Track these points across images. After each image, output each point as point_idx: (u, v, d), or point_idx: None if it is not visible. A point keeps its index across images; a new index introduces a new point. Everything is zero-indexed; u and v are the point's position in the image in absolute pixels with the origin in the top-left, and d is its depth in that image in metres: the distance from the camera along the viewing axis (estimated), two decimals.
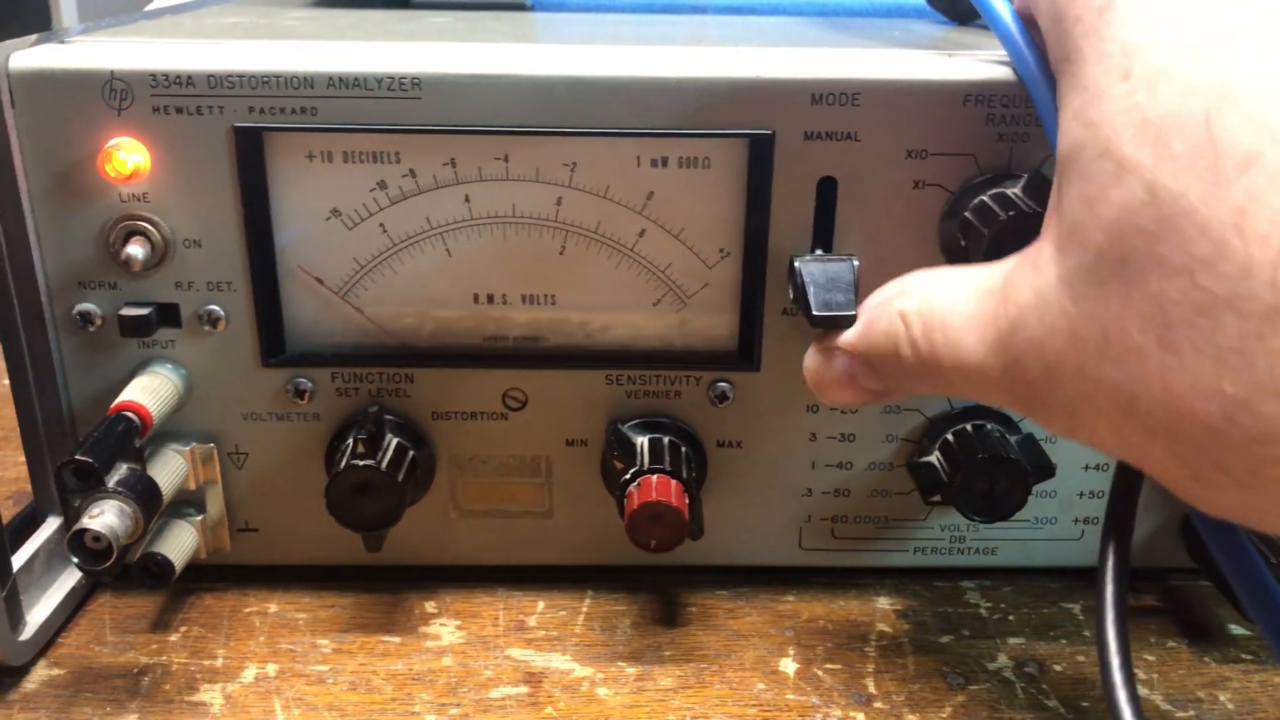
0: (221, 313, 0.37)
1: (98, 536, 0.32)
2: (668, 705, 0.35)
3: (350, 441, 0.37)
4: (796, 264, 0.34)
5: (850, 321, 0.31)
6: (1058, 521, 0.41)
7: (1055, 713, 0.35)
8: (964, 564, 0.41)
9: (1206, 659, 0.38)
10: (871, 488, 0.40)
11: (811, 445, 0.40)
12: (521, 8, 0.52)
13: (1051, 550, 0.41)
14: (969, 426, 0.38)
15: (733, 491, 0.40)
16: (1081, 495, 0.40)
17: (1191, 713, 0.35)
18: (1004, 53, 0.36)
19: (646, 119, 0.35)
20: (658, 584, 0.41)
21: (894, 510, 0.41)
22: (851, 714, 0.35)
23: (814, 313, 0.32)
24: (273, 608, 0.40)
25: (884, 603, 0.40)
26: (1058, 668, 0.37)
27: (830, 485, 0.40)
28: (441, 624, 0.39)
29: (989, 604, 0.41)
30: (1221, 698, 0.36)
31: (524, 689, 0.36)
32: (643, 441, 0.38)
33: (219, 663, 0.37)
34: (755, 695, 0.36)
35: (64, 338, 0.37)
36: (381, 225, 0.37)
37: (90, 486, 0.33)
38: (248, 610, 0.39)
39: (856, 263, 0.34)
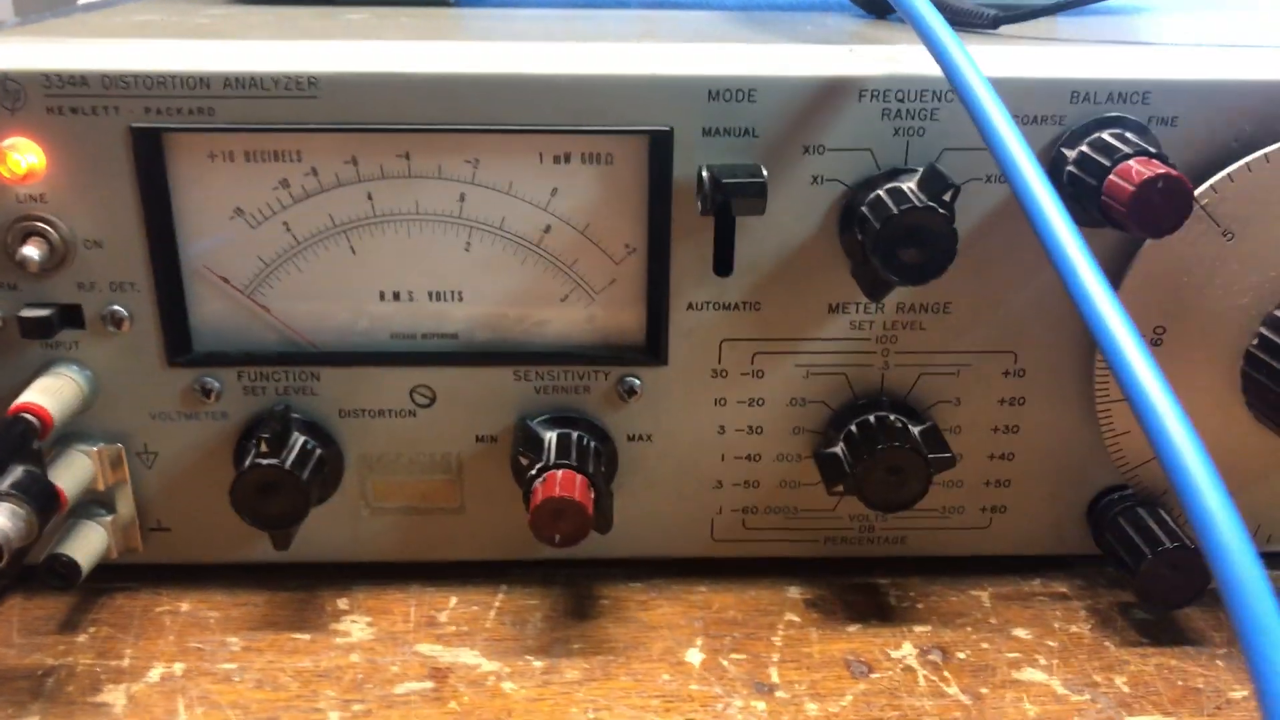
0: (125, 313, 0.37)
1: None
2: (571, 698, 0.35)
3: (255, 440, 0.37)
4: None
5: None
6: (965, 510, 0.41)
7: (954, 700, 0.35)
8: (874, 553, 0.42)
9: (1107, 643, 0.38)
10: (781, 479, 0.41)
11: (720, 438, 0.40)
12: (444, 4, 0.52)
13: (960, 539, 0.42)
14: (872, 418, 0.38)
15: (644, 485, 0.40)
16: (988, 484, 0.41)
17: (1087, 696, 0.36)
18: (905, 47, 0.36)
19: (547, 115, 0.36)
20: (572, 578, 0.42)
21: (803, 501, 0.41)
22: (753, 704, 0.35)
23: None
24: (185, 606, 0.40)
25: (795, 592, 0.41)
26: (961, 655, 0.38)
27: (740, 477, 0.41)
28: (353, 620, 0.39)
29: (898, 592, 0.41)
30: (1118, 681, 0.36)
31: (429, 684, 0.36)
32: (551, 437, 0.38)
33: (126, 663, 0.37)
34: (659, 686, 0.36)
35: None
36: (285, 224, 0.37)
37: None
38: (159, 609, 0.39)
39: None
